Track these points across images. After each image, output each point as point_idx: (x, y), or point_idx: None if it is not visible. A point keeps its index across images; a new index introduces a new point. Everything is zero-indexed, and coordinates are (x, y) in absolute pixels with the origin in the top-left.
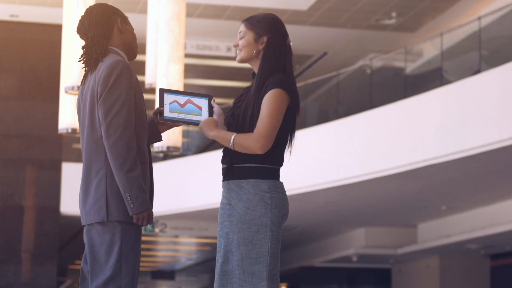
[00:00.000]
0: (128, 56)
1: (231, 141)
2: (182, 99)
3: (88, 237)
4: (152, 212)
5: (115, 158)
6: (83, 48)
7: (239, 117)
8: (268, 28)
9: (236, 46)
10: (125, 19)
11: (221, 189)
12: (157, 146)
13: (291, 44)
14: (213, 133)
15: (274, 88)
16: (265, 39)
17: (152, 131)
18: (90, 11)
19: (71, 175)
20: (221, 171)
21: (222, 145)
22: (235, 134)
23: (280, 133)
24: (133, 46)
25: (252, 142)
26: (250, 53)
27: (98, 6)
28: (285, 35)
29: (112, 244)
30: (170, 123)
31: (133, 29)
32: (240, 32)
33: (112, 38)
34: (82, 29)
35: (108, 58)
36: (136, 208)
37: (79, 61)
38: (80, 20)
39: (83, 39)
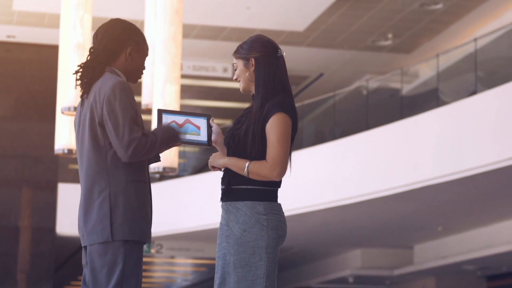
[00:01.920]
0: (127, 79)
1: (245, 169)
2: (180, 119)
3: (89, 258)
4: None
5: (143, 156)
6: (79, 65)
7: (240, 138)
8: (253, 49)
9: (235, 80)
10: (138, 46)
11: (217, 210)
12: (153, 166)
13: (283, 55)
14: (223, 161)
15: (276, 112)
16: (253, 61)
17: None
18: (107, 28)
19: (67, 196)
20: (218, 191)
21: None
22: (248, 162)
23: None
24: (133, 75)
25: (268, 171)
26: (245, 80)
27: (117, 27)
28: (274, 48)
29: (114, 265)
30: None
31: (146, 55)
32: (233, 66)
33: (116, 62)
34: (94, 41)
35: (108, 78)
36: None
37: (73, 74)
38: (98, 30)
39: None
